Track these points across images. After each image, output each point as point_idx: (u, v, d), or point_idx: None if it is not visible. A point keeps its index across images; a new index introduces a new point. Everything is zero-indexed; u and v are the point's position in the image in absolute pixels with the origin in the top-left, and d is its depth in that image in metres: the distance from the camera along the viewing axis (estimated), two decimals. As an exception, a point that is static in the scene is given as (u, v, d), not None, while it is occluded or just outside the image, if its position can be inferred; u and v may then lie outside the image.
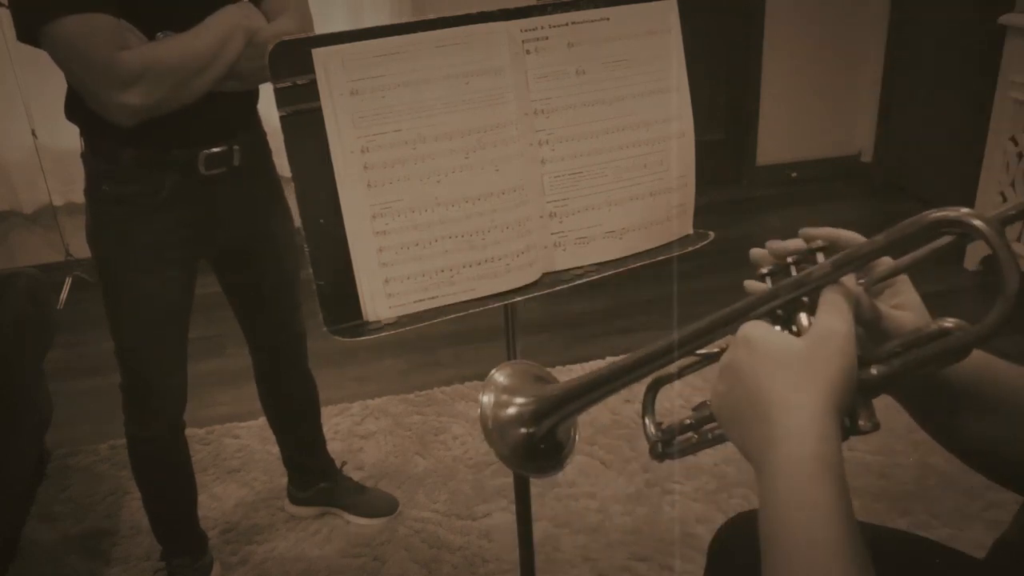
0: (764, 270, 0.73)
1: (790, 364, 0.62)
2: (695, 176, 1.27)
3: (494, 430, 0.87)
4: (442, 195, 1.10)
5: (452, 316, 1.12)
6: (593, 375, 0.81)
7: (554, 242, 1.19)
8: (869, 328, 0.71)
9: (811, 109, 4.24)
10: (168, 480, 1.83)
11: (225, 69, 1.41)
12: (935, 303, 0.60)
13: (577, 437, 0.94)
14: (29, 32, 1.32)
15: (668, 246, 1.27)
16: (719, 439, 0.79)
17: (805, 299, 0.68)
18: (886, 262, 0.73)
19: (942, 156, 3.83)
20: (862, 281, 0.72)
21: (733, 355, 0.66)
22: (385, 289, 1.10)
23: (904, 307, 0.73)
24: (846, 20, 4.09)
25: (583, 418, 2.55)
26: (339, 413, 2.52)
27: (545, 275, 1.19)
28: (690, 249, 1.27)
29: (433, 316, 1.12)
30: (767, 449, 0.62)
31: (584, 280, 1.20)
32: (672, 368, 0.81)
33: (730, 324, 0.69)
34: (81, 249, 3.37)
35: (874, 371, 0.65)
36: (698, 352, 0.76)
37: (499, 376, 0.90)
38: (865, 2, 4.06)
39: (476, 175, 1.11)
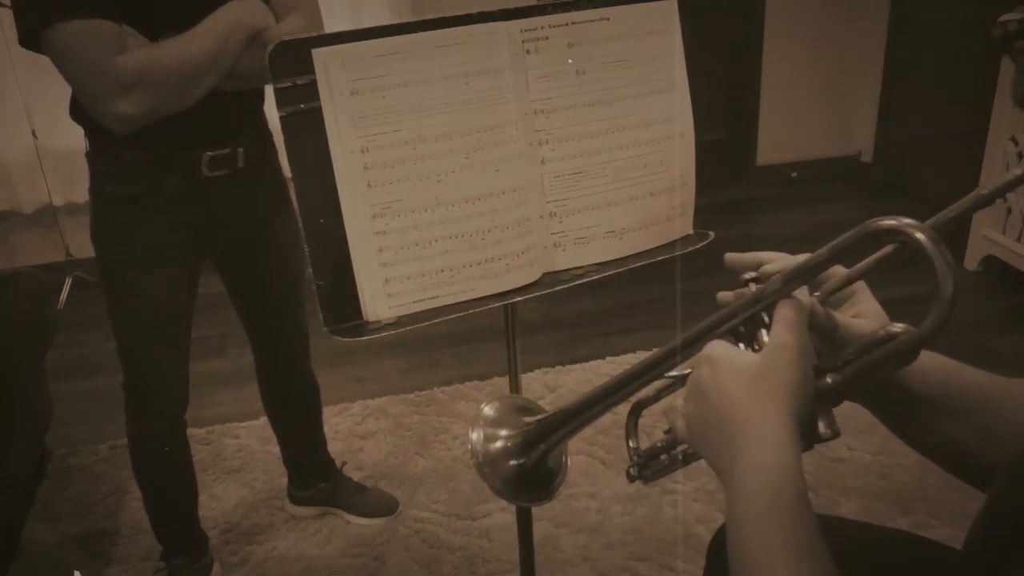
0: (729, 294, 0.77)
1: (747, 379, 0.65)
2: (695, 176, 1.27)
3: (484, 464, 0.89)
4: (442, 195, 1.10)
5: (452, 316, 1.12)
6: (572, 404, 0.84)
7: (554, 242, 1.19)
8: (826, 338, 0.74)
9: (811, 109, 4.24)
10: (168, 480, 1.83)
11: (225, 71, 1.40)
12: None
13: (569, 463, 0.96)
14: (30, 36, 1.32)
15: (668, 246, 1.26)
16: (691, 458, 0.81)
17: (765, 316, 0.70)
18: (840, 273, 0.75)
19: (942, 156, 3.83)
20: (817, 293, 0.75)
21: (697, 374, 0.69)
22: (385, 289, 1.10)
23: (864, 315, 0.75)
24: (846, 20, 4.08)
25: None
26: (339, 413, 2.52)
27: (545, 275, 1.19)
28: (690, 249, 1.27)
29: (433, 316, 1.12)
30: (730, 461, 0.64)
31: (584, 280, 1.20)
32: (650, 391, 0.85)
33: (695, 344, 0.73)
34: (81, 249, 3.37)
35: (829, 379, 0.68)
36: (670, 374, 0.79)
37: (486, 411, 0.93)
38: (865, 2, 4.06)
39: (476, 175, 1.11)
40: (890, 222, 0.61)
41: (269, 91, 1.50)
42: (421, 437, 2.41)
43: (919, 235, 0.60)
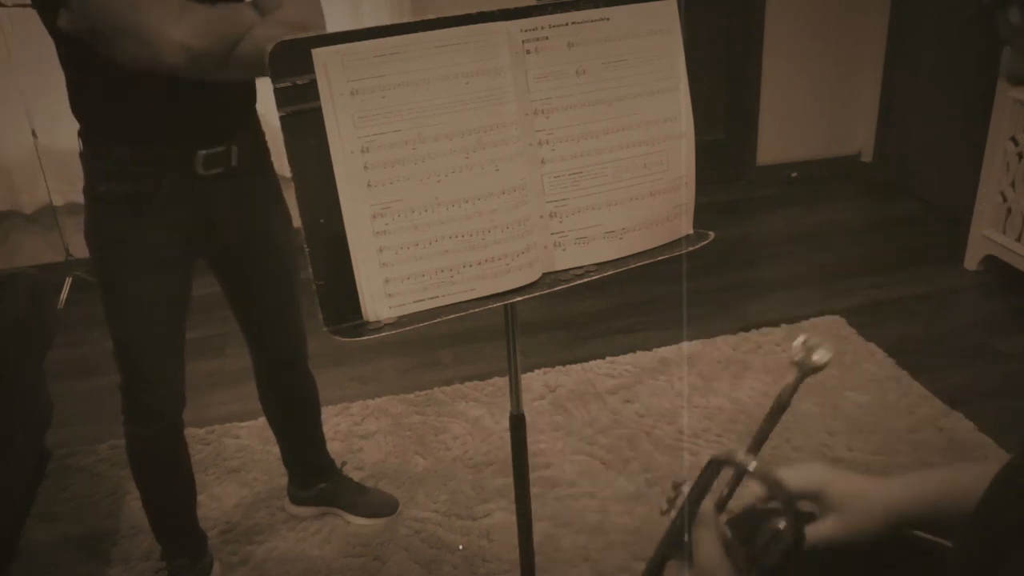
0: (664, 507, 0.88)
1: None
2: (695, 176, 1.27)
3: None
4: (442, 195, 1.10)
5: (452, 316, 1.13)
6: None
7: (554, 242, 1.19)
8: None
9: (811, 109, 4.24)
10: (167, 480, 1.83)
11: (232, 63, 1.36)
12: (935, 303, 0.61)
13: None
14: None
15: (668, 246, 1.27)
16: None
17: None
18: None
19: (942, 156, 3.83)
20: (715, 503, 0.89)
21: None
22: (385, 289, 1.10)
23: (848, 510, 0.88)
24: (846, 20, 4.08)
25: (585, 418, 2.53)
26: (339, 413, 2.52)
27: (545, 275, 1.19)
28: (690, 249, 1.27)
29: (433, 316, 1.12)
30: None
31: (584, 280, 1.20)
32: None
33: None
34: (81, 249, 3.36)
35: None
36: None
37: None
38: (865, 2, 4.06)
39: (476, 175, 1.11)
40: (728, 456, 0.80)
41: (264, 92, 1.50)
42: (421, 437, 2.41)
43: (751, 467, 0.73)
